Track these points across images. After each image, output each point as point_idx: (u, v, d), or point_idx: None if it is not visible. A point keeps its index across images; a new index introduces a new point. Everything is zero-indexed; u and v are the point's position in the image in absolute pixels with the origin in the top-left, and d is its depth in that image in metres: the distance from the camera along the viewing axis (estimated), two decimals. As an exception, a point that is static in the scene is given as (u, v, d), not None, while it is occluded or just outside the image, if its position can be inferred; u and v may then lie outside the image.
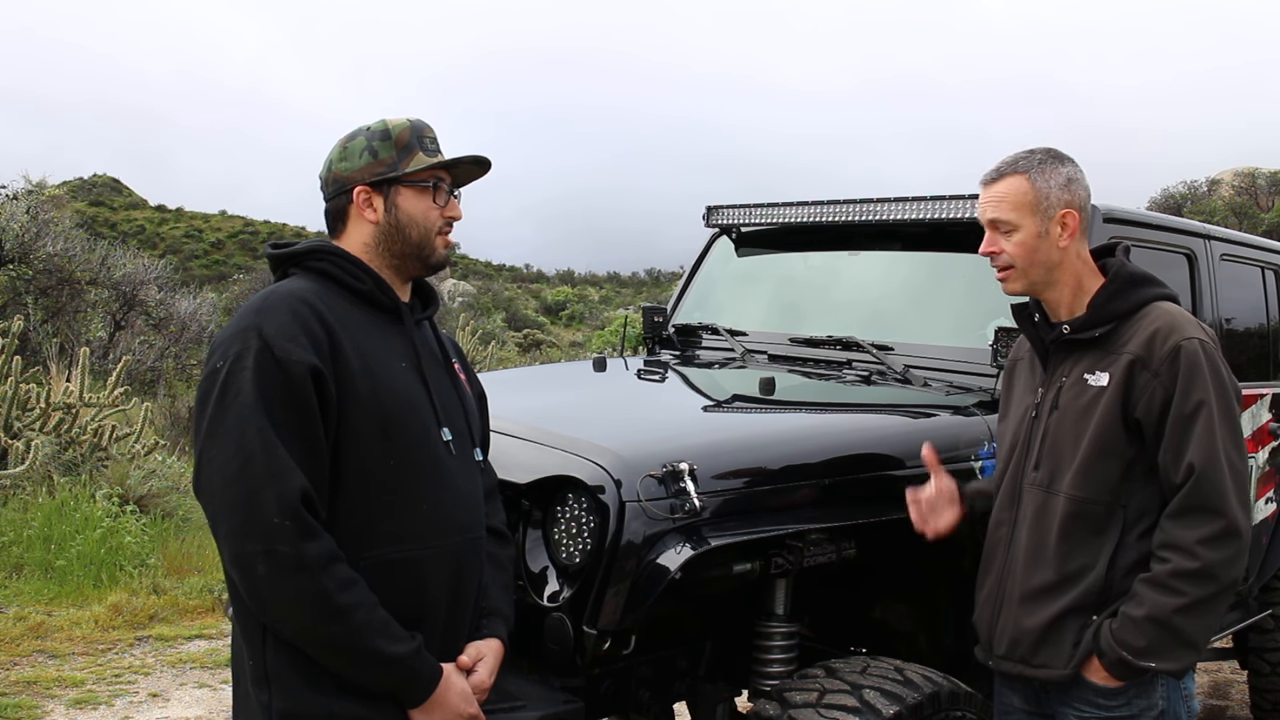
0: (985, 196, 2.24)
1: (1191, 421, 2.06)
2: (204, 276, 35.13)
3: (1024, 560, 2.22)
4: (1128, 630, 2.07)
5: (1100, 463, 2.13)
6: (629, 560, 2.19)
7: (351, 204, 1.93)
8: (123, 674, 4.90)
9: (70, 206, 23.80)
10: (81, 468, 7.32)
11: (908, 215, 3.40)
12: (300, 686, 1.77)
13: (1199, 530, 2.04)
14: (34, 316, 12.27)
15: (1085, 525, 2.15)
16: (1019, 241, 2.19)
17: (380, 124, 1.95)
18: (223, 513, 1.69)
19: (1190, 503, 2.06)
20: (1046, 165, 2.20)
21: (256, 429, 1.68)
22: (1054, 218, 2.17)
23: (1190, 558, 2.04)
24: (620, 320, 8.29)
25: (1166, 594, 2.04)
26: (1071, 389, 2.20)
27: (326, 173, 1.96)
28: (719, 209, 4.09)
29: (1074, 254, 2.22)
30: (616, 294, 46.68)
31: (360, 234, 1.94)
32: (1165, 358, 2.09)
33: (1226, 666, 5.20)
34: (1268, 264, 4.19)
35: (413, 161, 1.92)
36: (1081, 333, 2.18)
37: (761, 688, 2.50)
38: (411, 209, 1.93)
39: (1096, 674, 2.13)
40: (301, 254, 1.91)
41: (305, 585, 1.68)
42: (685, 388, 3.52)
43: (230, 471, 1.68)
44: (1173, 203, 30.30)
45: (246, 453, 1.67)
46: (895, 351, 3.34)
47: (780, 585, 2.54)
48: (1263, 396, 3.92)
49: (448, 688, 1.84)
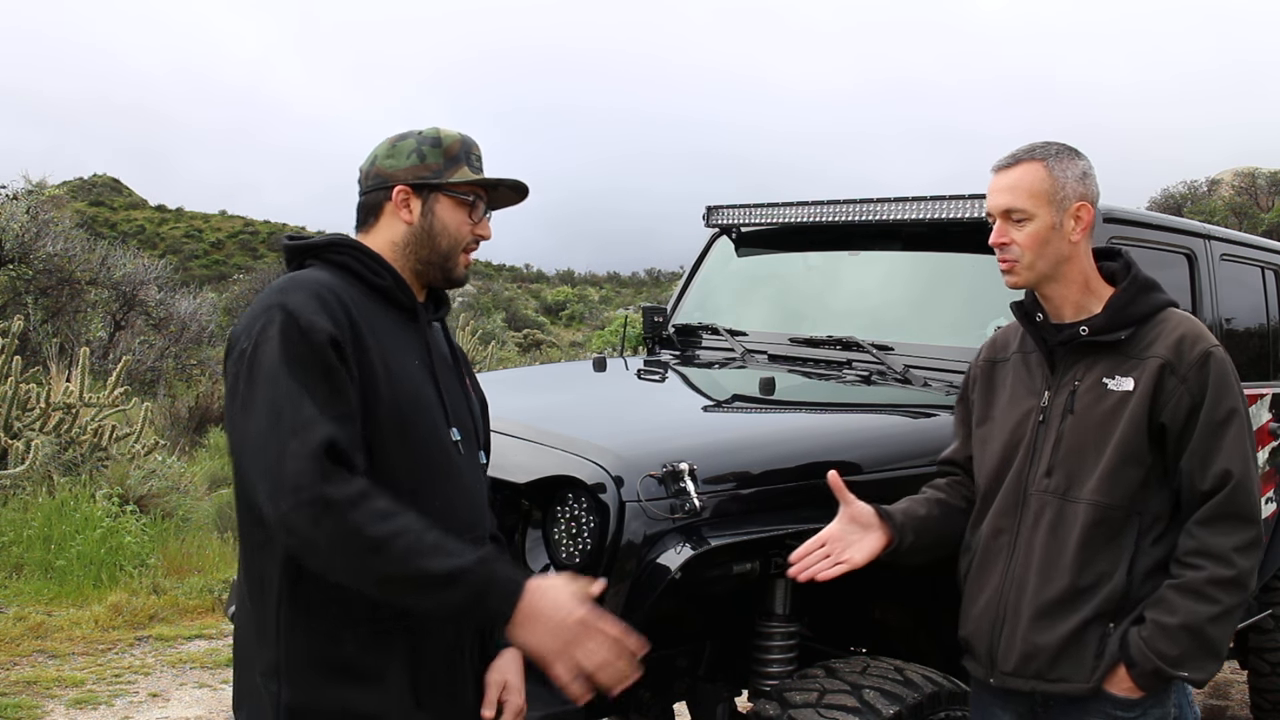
0: (998, 184, 2.15)
1: (1224, 429, 2.04)
2: (204, 276, 35.14)
3: (1037, 570, 2.13)
4: (1161, 639, 2.02)
5: (1125, 469, 2.08)
6: (629, 560, 2.19)
7: (389, 201, 1.93)
8: (123, 674, 4.90)
9: (70, 206, 23.81)
10: (81, 468, 7.32)
11: (908, 215, 3.40)
12: (313, 680, 1.75)
13: (1234, 538, 2.02)
14: (34, 316, 12.28)
15: (1105, 532, 2.09)
16: (1032, 232, 2.11)
17: (433, 131, 1.96)
18: (259, 481, 1.67)
19: (1226, 510, 2.03)
20: (1064, 156, 2.14)
21: (284, 391, 1.67)
22: (1069, 210, 2.11)
23: (1227, 565, 2.01)
24: (620, 320, 8.30)
25: (1202, 602, 2.00)
26: (1089, 393, 2.12)
27: (370, 166, 1.96)
28: (719, 209, 4.09)
29: (1083, 251, 2.15)
30: (616, 294, 46.69)
31: (390, 232, 1.93)
32: (1194, 364, 2.06)
33: (1227, 666, 5.19)
34: (1268, 264, 4.19)
35: (457, 173, 1.93)
36: (1102, 335, 2.12)
37: (761, 688, 2.50)
38: (447, 219, 1.93)
39: (1120, 685, 2.06)
40: (321, 246, 1.91)
41: (337, 526, 1.62)
42: (685, 388, 3.52)
43: (260, 440, 1.67)
44: (1173, 203, 30.31)
45: (274, 414, 1.67)
46: (895, 351, 3.33)
47: (780, 585, 2.54)
48: (1263, 396, 3.92)
49: (539, 593, 1.69)
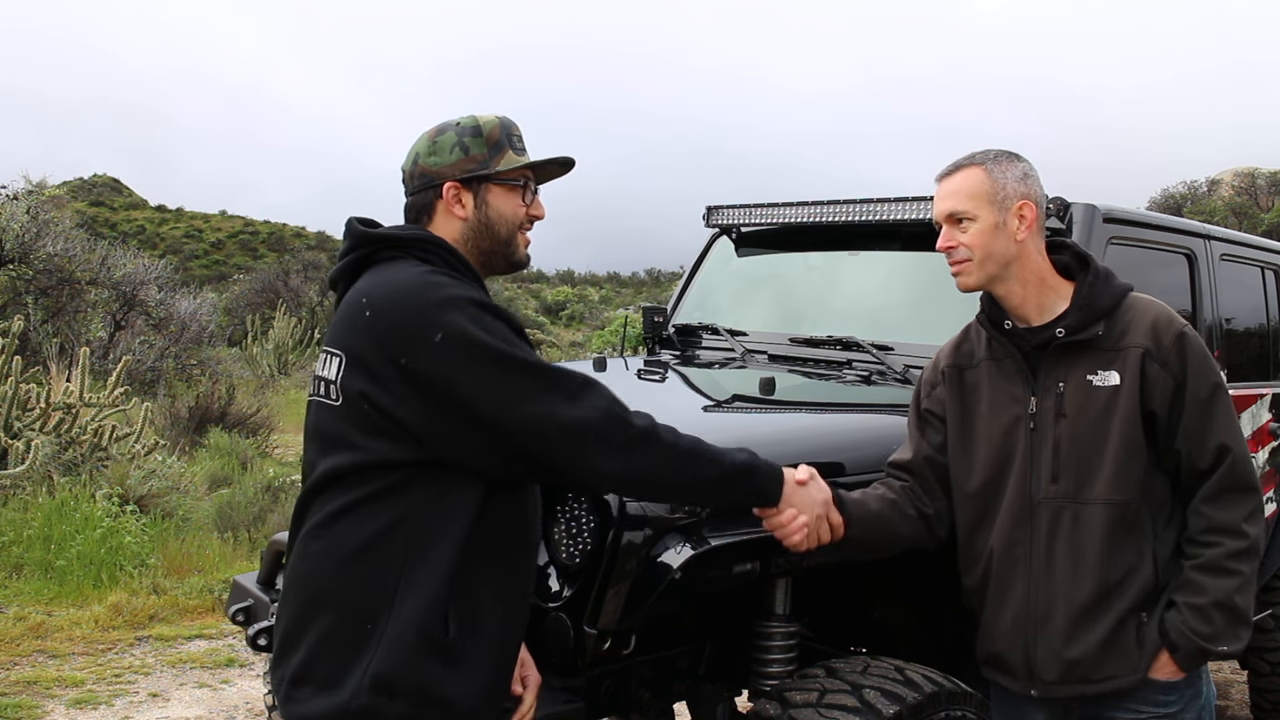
0: (941, 191, 2.23)
1: (1212, 405, 2.11)
2: (204, 276, 35.10)
3: (1063, 577, 2.15)
4: (1197, 619, 2.08)
5: (1130, 462, 2.12)
6: (629, 560, 2.19)
7: (439, 199, 1.92)
8: (123, 674, 4.90)
9: (70, 206, 23.80)
10: (81, 468, 7.32)
11: (908, 215, 3.40)
12: (408, 652, 1.74)
13: (1241, 509, 2.10)
14: (34, 316, 12.27)
15: (1124, 527, 2.13)
16: (976, 232, 2.17)
17: (470, 120, 1.95)
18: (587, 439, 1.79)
19: (1229, 483, 2.10)
20: (1002, 159, 2.20)
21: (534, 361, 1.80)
22: (1011, 209, 2.16)
23: (1240, 537, 2.09)
24: (620, 320, 8.30)
25: (1226, 576, 2.08)
26: (1077, 393, 2.15)
27: (413, 166, 1.95)
28: (719, 209, 4.09)
29: (1033, 249, 2.19)
30: (616, 294, 46.65)
31: (447, 229, 1.93)
32: (1171, 346, 2.11)
33: (1226, 666, 5.20)
34: (1268, 264, 4.19)
35: (503, 159, 1.93)
36: (1079, 334, 2.15)
37: (761, 688, 2.50)
38: (501, 206, 1.94)
39: (1163, 670, 2.13)
40: (407, 240, 1.89)
41: (657, 448, 1.85)
42: (685, 388, 3.52)
43: (558, 402, 1.78)
44: (1173, 203, 30.30)
45: (552, 379, 1.79)
46: (895, 351, 3.33)
47: (780, 585, 2.54)
48: (1263, 396, 3.91)
49: (791, 477, 2.06)
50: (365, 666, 1.74)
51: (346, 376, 1.80)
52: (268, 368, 18.22)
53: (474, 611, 1.80)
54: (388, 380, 1.76)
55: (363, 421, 1.78)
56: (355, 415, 1.79)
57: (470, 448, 1.78)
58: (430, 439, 1.77)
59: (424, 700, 1.75)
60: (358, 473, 1.79)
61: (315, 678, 1.78)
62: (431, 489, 1.79)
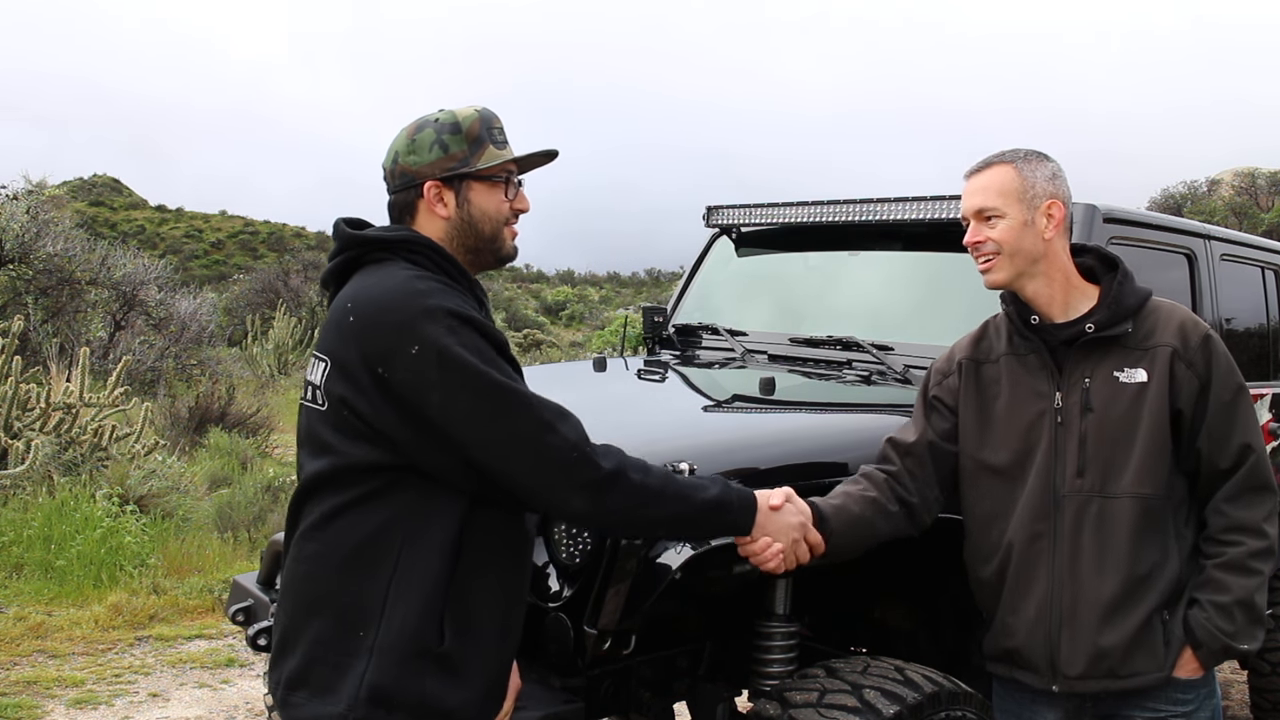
0: (970, 187, 2.25)
1: (1235, 406, 2.15)
2: (204, 276, 35.10)
3: (1089, 571, 2.15)
4: (1220, 617, 2.11)
5: (1157, 458, 2.14)
6: (629, 560, 2.19)
7: (421, 198, 1.90)
8: (123, 674, 4.90)
9: (70, 206, 23.81)
10: (81, 468, 7.31)
11: (908, 215, 3.40)
12: (403, 662, 1.74)
13: (1262, 509, 2.14)
14: (34, 316, 12.26)
15: (1151, 522, 2.15)
16: (1005, 228, 2.18)
17: (449, 115, 1.91)
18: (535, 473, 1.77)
19: (1250, 483, 2.14)
20: (1032, 158, 2.22)
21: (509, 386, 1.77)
22: (1040, 208, 2.18)
23: (1261, 537, 2.13)
24: (620, 320, 8.30)
25: (1247, 575, 2.11)
26: (1104, 388, 2.17)
27: (393, 164, 1.92)
28: (719, 209, 4.09)
29: (1059, 248, 2.22)
30: (616, 294, 46.66)
31: (431, 228, 1.91)
32: (1198, 348, 2.15)
33: (1227, 666, 5.19)
34: (1268, 264, 4.20)
35: (484, 155, 1.90)
36: (1109, 330, 2.17)
37: (761, 688, 2.49)
38: (484, 203, 1.91)
39: (1186, 667, 2.15)
40: (395, 242, 1.87)
41: (626, 488, 1.82)
42: (685, 388, 3.52)
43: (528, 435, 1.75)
44: (1173, 203, 30.30)
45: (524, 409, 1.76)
46: (895, 351, 3.34)
47: (780, 585, 2.54)
48: (1263, 396, 3.92)
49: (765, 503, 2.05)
50: (361, 674, 1.73)
51: (330, 381, 1.80)
52: (268, 368, 18.22)
53: (470, 617, 1.79)
54: (366, 388, 1.75)
55: (344, 426, 1.78)
56: (337, 420, 1.79)
57: (442, 463, 1.77)
58: (405, 448, 1.77)
59: (423, 713, 1.74)
60: (343, 476, 1.79)
61: (311, 683, 1.78)
62: (417, 492, 1.78)
